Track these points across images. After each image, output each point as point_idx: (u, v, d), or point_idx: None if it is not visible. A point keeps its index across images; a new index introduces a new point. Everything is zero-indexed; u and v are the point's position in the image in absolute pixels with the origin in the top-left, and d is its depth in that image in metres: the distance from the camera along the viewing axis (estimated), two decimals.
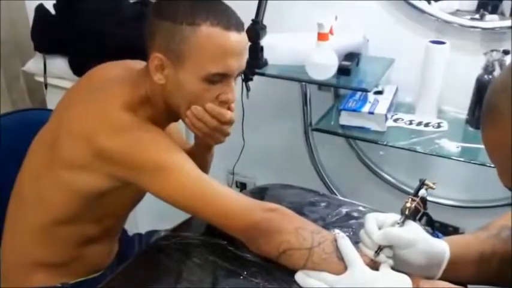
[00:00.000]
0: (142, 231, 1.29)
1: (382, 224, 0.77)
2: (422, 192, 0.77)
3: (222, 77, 0.85)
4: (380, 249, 0.75)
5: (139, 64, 0.95)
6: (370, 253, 0.76)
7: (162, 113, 0.91)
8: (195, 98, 0.86)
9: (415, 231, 0.75)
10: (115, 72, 0.95)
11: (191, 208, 0.85)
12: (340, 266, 0.76)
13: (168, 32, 0.82)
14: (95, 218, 0.95)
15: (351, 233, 0.91)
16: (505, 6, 1.42)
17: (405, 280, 0.73)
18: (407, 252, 0.75)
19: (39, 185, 0.91)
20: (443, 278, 0.77)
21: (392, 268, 0.76)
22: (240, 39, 0.84)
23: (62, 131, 0.87)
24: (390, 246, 0.75)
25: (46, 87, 1.72)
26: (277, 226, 0.80)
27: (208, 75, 0.83)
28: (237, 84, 0.91)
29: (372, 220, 0.77)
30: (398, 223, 0.75)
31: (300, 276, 0.78)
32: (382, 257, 0.75)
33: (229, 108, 0.89)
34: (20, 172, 0.97)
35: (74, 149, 0.85)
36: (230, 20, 0.83)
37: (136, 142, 0.83)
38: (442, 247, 0.76)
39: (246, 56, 0.89)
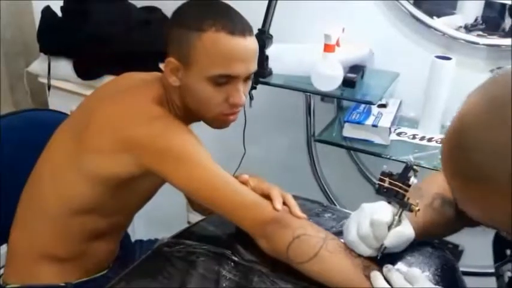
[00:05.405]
0: (140, 238, 1.29)
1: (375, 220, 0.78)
2: (412, 180, 0.79)
3: (228, 79, 0.89)
4: (384, 248, 0.79)
5: (156, 75, 1.02)
6: (368, 251, 0.80)
7: (182, 113, 0.96)
8: (204, 99, 0.91)
9: (408, 223, 0.80)
10: (140, 77, 1.02)
11: (210, 200, 0.88)
12: (348, 261, 0.79)
13: (179, 38, 0.89)
14: (108, 211, 0.98)
15: None
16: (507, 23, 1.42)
17: None
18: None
19: (60, 176, 0.95)
20: None
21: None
22: (245, 44, 0.88)
23: (91, 123, 0.91)
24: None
25: (49, 89, 1.72)
26: (292, 219, 0.85)
27: (212, 77, 0.88)
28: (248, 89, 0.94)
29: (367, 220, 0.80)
30: (395, 220, 0.79)
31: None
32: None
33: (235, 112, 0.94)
34: (38, 166, 1.00)
35: (103, 137, 0.88)
36: (236, 25, 0.87)
37: (164, 130, 0.87)
38: (412, 232, 0.81)
39: (253, 60, 0.92)
